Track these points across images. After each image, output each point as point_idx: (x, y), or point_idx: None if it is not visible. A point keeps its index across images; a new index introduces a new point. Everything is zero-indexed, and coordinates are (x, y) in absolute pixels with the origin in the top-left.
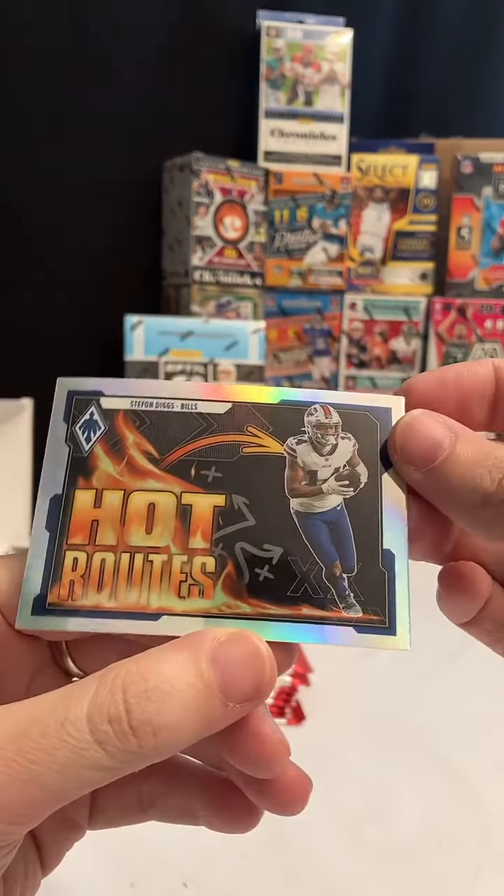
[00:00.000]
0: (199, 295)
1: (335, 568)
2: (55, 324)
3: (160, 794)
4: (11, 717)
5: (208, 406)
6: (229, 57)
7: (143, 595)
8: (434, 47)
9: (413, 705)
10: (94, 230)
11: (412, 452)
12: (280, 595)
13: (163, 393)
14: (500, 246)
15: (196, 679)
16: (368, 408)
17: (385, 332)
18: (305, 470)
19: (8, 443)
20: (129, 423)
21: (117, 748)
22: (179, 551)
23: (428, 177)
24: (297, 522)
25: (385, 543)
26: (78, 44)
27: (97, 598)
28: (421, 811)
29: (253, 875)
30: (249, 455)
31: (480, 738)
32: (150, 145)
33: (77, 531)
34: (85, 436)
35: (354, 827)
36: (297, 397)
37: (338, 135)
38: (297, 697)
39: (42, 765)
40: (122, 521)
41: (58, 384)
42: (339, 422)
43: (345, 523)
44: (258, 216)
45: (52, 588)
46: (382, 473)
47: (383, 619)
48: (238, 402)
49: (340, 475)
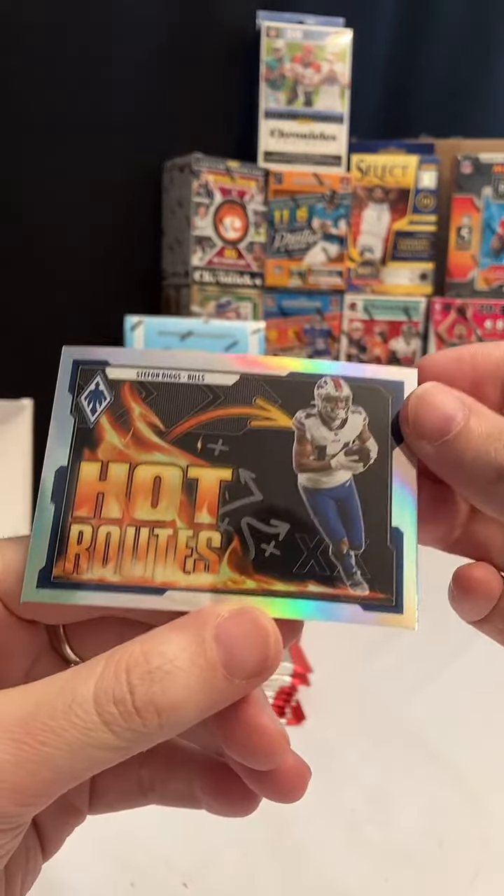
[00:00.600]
0: (199, 295)
1: (342, 545)
2: (55, 324)
3: (160, 777)
4: (19, 700)
5: (216, 377)
6: (229, 57)
7: (148, 569)
8: (434, 47)
9: (413, 705)
10: (94, 230)
11: (425, 425)
12: (286, 571)
13: (169, 363)
14: (499, 246)
15: (199, 657)
16: (380, 381)
17: (385, 333)
18: (314, 444)
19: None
20: (136, 395)
21: (124, 728)
22: (185, 525)
23: (428, 177)
24: (304, 498)
25: (394, 521)
26: (78, 44)
27: (102, 572)
28: (421, 811)
29: (253, 875)
30: (257, 428)
31: (480, 738)
32: (150, 145)
33: (82, 504)
34: (90, 407)
35: (354, 827)
36: (308, 369)
37: (338, 135)
38: (297, 697)
39: (52, 746)
40: (127, 495)
41: (63, 352)
42: (350, 395)
43: (353, 500)
44: (258, 216)
45: (58, 561)
46: (393, 449)
47: (390, 597)
48: (246, 373)
49: (350, 450)
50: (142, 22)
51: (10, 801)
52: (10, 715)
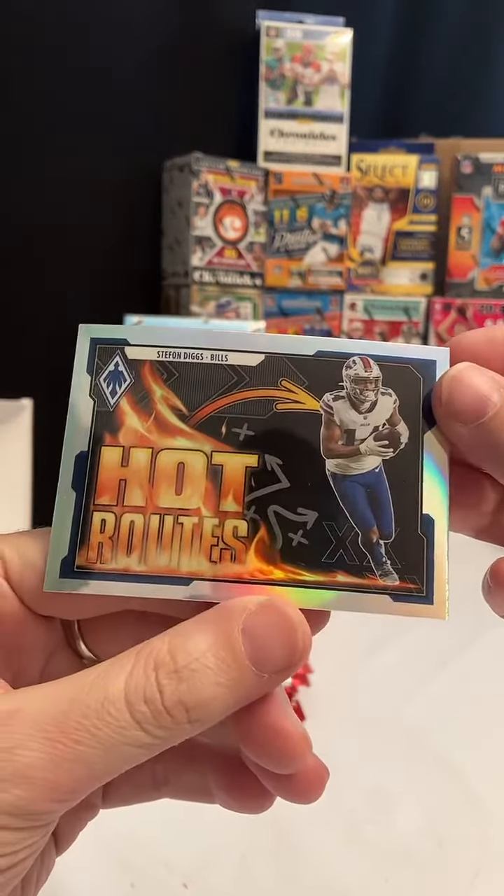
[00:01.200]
0: (198, 295)
1: (372, 534)
2: (55, 324)
3: (174, 771)
4: (52, 698)
5: (240, 357)
6: (229, 57)
7: (173, 559)
8: (434, 47)
9: (413, 705)
10: (94, 230)
11: (460, 407)
12: (314, 561)
13: (191, 342)
14: (499, 246)
15: (226, 653)
16: (412, 360)
17: (385, 333)
18: (343, 429)
19: (8, 443)
20: (157, 376)
21: (154, 726)
22: (210, 514)
23: (428, 177)
24: (332, 485)
25: (425, 508)
26: (78, 43)
27: (126, 562)
28: (421, 811)
29: (253, 875)
30: (283, 412)
31: (480, 738)
32: (150, 145)
33: (104, 491)
34: (110, 389)
35: (354, 827)
36: (336, 348)
37: (337, 135)
38: (297, 697)
39: (86, 744)
40: (150, 481)
41: (80, 330)
42: (380, 376)
43: (383, 486)
44: (258, 216)
45: (80, 550)
46: (424, 432)
47: (420, 587)
48: (272, 353)
49: (380, 434)
50: (142, 22)
51: (46, 797)
52: (43, 713)
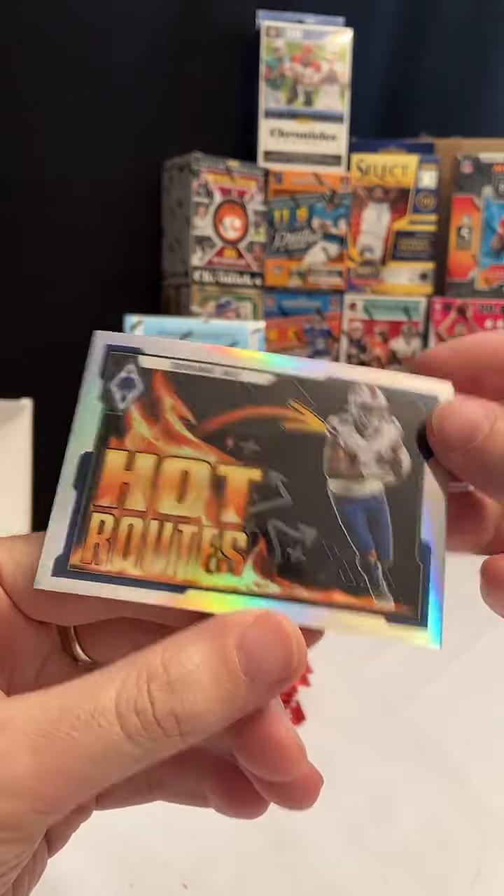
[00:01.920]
0: (198, 295)
1: (371, 556)
2: (55, 324)
3: (170, 774)
4: (41, 707)
5: (252, 376)
6: (229, 57)
7: (170, 565)
8: (434, 47)
9: (413, 706)
10: (94, 230)
11: (450, 433)
12: (312, 578)
13: (206, 357)
14: (500, 246)
15: (221, 666)
16: (416, 394)
17: (385, 333)
18: (346, 451)
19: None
20: (168, 386)
21: (145, 738)
22: (211, 524)
23: (428, 177)
24: (334, 505)
25: (423, 535)
26: (78, 43)
27: (122, 565)
28: (421, 811)
29: (253, 875)
30: (289, 431)
31: (481, 739)
32: (150, 145)
33: (106, 493)
34: (120, 394)
35: (354, 827)
36: (346, 376)
37: (338, 135)
38: (297, 698)
39: (75, 756)
40: (153, 487)
41: (95, 336)
42: (386, 405)
43: (383, 510)
44: (258, 216)
45: (76, 550)
46: (424, 462)
47: (415, 613)
48: (284, 374)
49: (382, 460)
50: (142, 21)
51: (30, 808)
52: (31, 720)
